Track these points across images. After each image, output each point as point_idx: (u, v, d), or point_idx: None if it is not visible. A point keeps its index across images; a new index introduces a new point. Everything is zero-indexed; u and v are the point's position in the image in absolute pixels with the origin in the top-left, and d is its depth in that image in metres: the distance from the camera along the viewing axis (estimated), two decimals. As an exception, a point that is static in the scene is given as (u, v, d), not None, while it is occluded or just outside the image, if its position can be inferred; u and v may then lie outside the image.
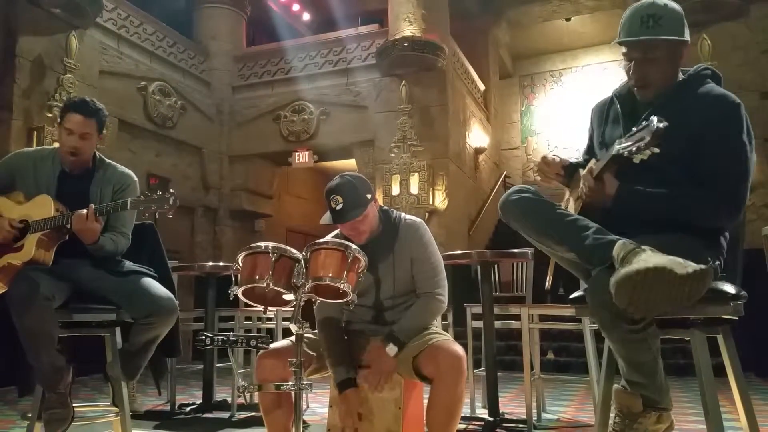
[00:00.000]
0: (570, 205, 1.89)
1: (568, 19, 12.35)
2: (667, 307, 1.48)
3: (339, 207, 2.07)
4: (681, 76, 1.81)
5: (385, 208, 2.29)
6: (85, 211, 2.21)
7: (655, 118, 1.50)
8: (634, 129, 1.56)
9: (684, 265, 1.43)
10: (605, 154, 1.69)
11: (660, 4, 1.74)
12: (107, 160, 2.54)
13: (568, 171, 1.94)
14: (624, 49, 1.78)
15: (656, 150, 1.50)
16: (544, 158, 1.96)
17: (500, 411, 3.50)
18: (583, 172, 1.80)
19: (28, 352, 2.12)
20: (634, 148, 1.53)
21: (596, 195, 1.71)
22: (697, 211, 1.66)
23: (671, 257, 1.46)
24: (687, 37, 1.75)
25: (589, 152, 2.02)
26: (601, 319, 1.59)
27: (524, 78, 13.76)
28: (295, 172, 11.47)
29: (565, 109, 12.93)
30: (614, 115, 1.89)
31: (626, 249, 1.51)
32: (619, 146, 1.59)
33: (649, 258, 1.44)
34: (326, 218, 2.14)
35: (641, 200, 1.68)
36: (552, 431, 3.40)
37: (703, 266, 1.43)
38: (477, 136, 10.61)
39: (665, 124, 1.48)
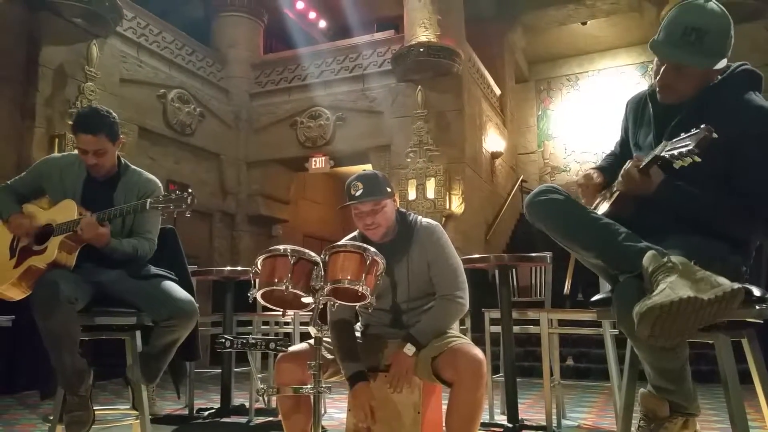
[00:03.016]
0: (602, 206, 1.83)
1: (584, 23, 12.28)
2: (693, 331, 1.44)
3: (359, 193, 2.08)
4: (715, 78, 1.69)
5: (402, 210, 2.29)
6: (86, 217, 2.24)
7: (703, 126, 1.43)
8: (683, 134, 1.48)
9: (713, 285, 1.38)
10: (650, 152, 1.62)
11: (709, 12, 1.59)
12: (132, 166, 2.57)
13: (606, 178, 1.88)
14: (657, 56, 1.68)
15: (698, 159, 1.43)
16: (579, 181, 1.89)
17: (519, 417, 3.47)
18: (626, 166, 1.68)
19: (50, 354, 2.14)
20: (676, 153, 1.46)
21: (637, 184, 1.62)
22: (732, 221, 1.61)
23: (700, 276, 1.41)
24: (727, 54, 1.61)
25: (623, 146, 1.95)
26: (627, 327, 1.54)
27: (540, 82, 13.70)
28: (312, 178, 11.52)
29: (582, 113, 12.84)
30: (647, 117, 1.82)
31: (656, 263, 1.47)
32: (663, 149, 1.53)
33: (676, 283, 1.39)
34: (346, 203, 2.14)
35: (681, 197, 1.61)
36: (572, 437, 3.36)
37: (735, 287, 1.38)
38: (493, 141, 10.58)
39: (714, 135, 1.41)
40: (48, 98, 6.70)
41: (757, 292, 1.60)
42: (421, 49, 8.49)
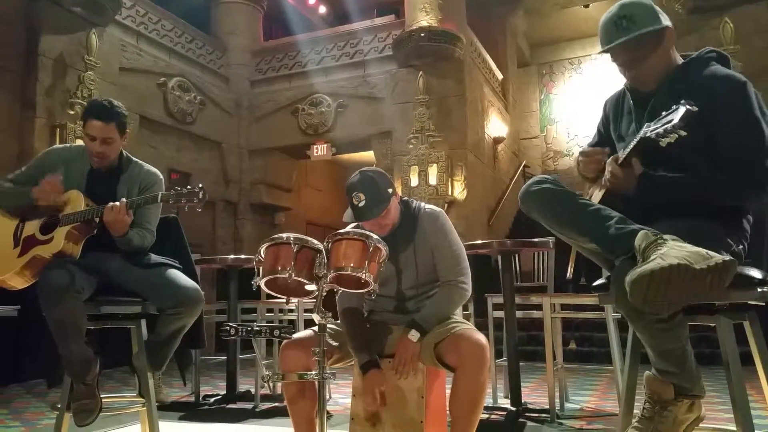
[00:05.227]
0: (595, 195, 1.86)
1: (587, 6, 12.18)
2: (688, 301, 1.47)
3: (361, 204, 2.09)
4: (680, 60, 1.79)
5: (405, 198, 2.30)
6: (117, 203, 2.25)
7: (683, 101, 1.49)
8: (663, 113, 1.54)
9: (705, 257, 1.41)
10: (630, 140, 1.67)
11: (627, 3, 1.76)
12: (134, 159, 2.58)
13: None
14: (610, 57, 1.81)
15: (683, 133, 1.48)
16: (582, 152, 1.92)
17: (523, 401, 3.49)
18: (608, 159, 1.78)
19: (57, 344, 2.16)
20: (661, 130, 1.52)
21: (621, 181, 1.69)
22: (721, 193, 1.63)
23: (692, 249, 1.43)
24: (665, 23, 1.74)
25: (598, 145, 1.98)
26: (626, 309, 1.57)
27: (543, 66, 13.63)
28: (314, 165, 11.52)
29: (584, 97, 12.77)
30: (627, 108, 1.88)
31: (648, 240, 1.49)
32: (647, 129, 1.58)
33: (667, 254, 1.42)
34: (348, 215, 2.15)
35: (665, 185, 1.66)
36: (575, 421, 3.38)
37: (726, 258, 1.41)
38: (495, 126, 10.54)
39: (695, 108, 1.47)
40: (48, 88, 6.69)
41: (758, 274, 1.61)
42: (422, 34, 8.44)
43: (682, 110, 1.48)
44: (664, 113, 1.55)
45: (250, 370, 5.14)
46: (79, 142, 6.45)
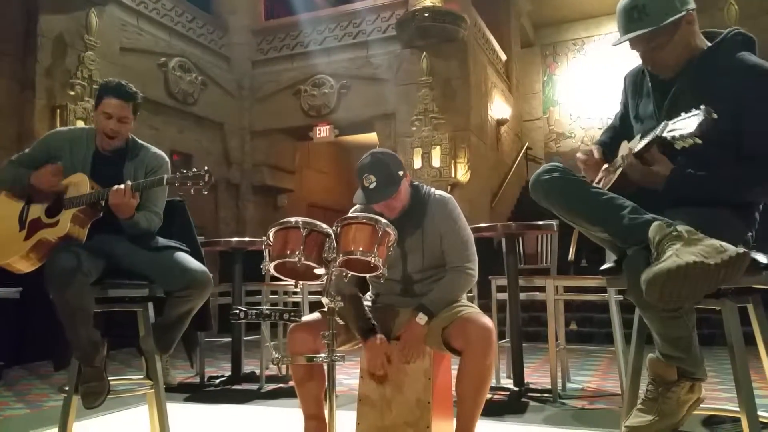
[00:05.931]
0: (606, 181, 1.86)
1: (591, -15, 12.05)
2: (701, 295, 1.48)
3: (372, 186, 2.09)
4: (707, 44, 1.74)
5: (416, 183, 2.30)
6: (122, 186, 2.25)
7: (703, 108, 1.46)
8: (683, 114, 1.52)
9: (719, 250, 1.41)
10: (649, 133, 1.65)
11: None
12: (140, 141, 2.57)
13: (607, 153, 1.91)
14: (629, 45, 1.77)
15: (699, 141, 1.47)
16: (579, 157, 1.91)
17: (525, 381, 3.53)
18: (625, 144, 1.77)
19: (65, 327, 2.16)
20: (677, 134, 1.50)
21: (637, 172, 1.68)
22: (750, 190, 1.63)
23: (706, 243, 1.43)
24: (681, 11, 1.67)
25: (623, 119, 1.98)
26: (637, 297, 1.58)
27: (546, 47, 13.52)
28: (317, 147, 11.49)
29: (587, 79, 12.70)
30: (646, 89, 1.85)
31: (662, 232, 1.49)
32: (665, 129, 1.56)
33: (682, 250, 1.42)
34: (359, 197, 2.15)
35: (695, 184, 1.64)
36: (577, 400, 3.42)
37: (740, 251, 1.41)
38: (499, 108, 10.49)
39: (715, 115, 1.45)
40: (48, 69, 6.64)
41: (764, 259, 1.61)
42: (426, 14, 8.36)
43: (700, 117, 1.46)
44: (683, 114, 1.52)
45: (253, 352, 5.18)
46: (81, 124, 6.43)
